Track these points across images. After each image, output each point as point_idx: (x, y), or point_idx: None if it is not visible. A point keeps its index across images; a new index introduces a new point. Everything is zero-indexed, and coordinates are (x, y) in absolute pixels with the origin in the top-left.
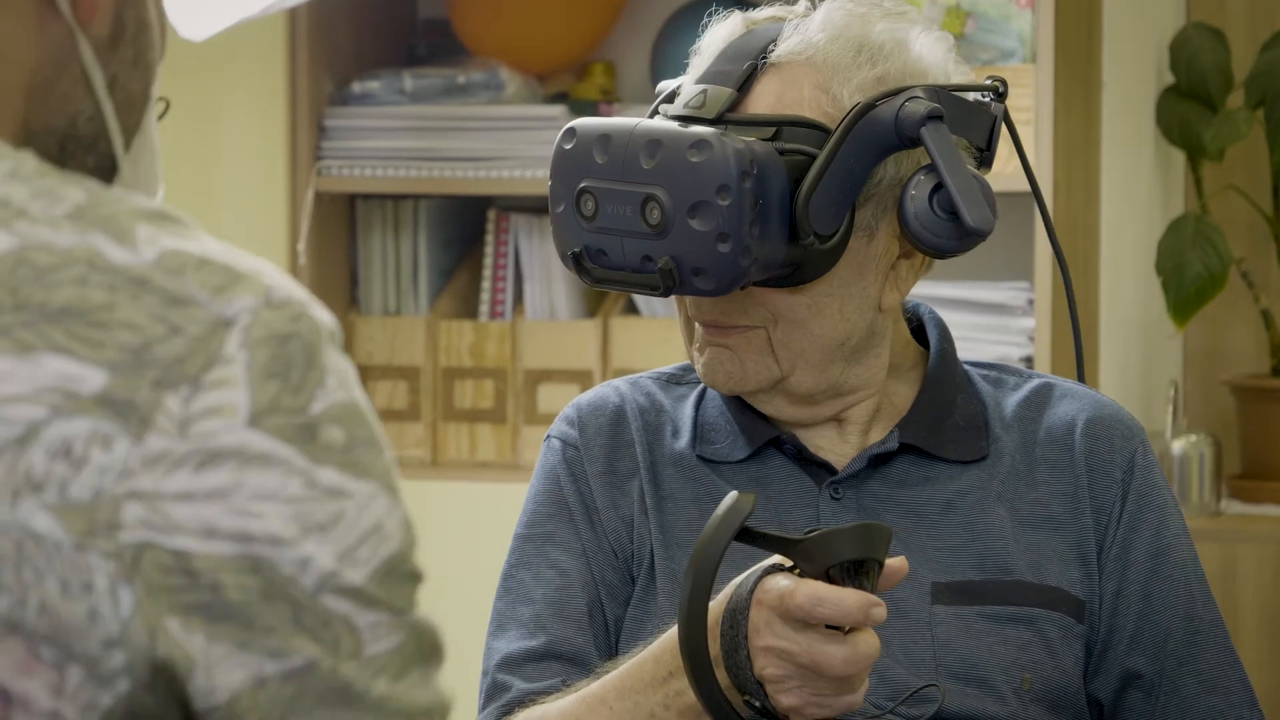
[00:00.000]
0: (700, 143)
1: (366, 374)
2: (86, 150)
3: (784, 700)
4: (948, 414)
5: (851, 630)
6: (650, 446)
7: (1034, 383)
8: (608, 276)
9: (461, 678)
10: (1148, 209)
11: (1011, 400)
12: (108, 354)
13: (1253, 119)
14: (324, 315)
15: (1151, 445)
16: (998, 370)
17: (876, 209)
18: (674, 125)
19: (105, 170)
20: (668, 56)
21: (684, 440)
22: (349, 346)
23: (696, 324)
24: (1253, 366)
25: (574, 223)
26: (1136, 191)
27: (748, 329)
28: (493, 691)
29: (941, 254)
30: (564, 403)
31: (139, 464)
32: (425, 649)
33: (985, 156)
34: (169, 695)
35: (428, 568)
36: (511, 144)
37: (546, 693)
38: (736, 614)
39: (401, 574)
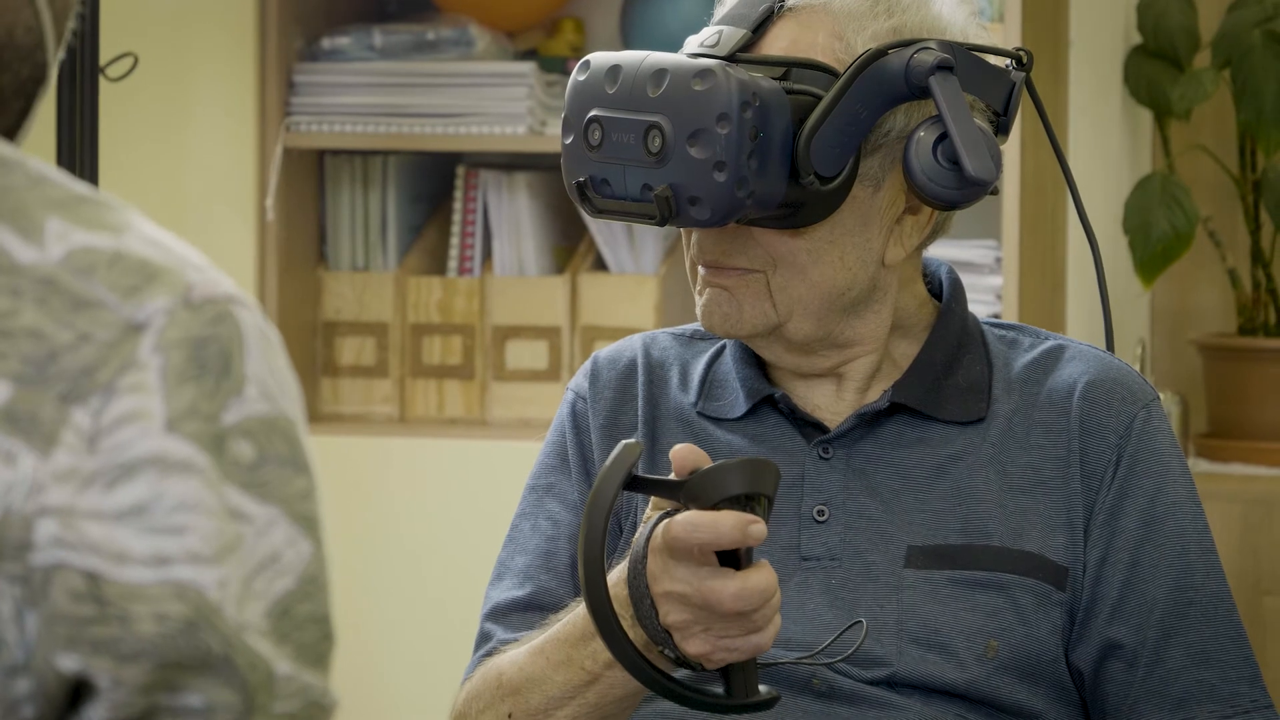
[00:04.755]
0: (705, 72)
1: (334, 330)
2: (23, 60)
3: (691, 647)
4: (949, 374)
5: (745, 568)
6: (654, 401)
7: (1047, 344)
8: (608, 206)
9: (434, 631)
10: (1115, 168)
11: (1021, 361)
12: (11, 365)
13: (1219, 79)
14: (250, 316)
15: None
16: (1016, 330)
17: (884, 160)
18: (683, 57)
19: (37, 80)
20: (637, 13)
21: (690, 396)
22: (318, 302)
23: (700, 266)
24: (1220, 325)
25: (581, 153)
26: (1104, 151)
27: (746, 271)
28: (479, 640)
29: (943, 204)
30: (532, 359)
31: (49, 479)
32: None
33: (1002, 122)
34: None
35: (395, 524)
36: (481, 100)
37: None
38: (636, 564)
39: (297, 619)
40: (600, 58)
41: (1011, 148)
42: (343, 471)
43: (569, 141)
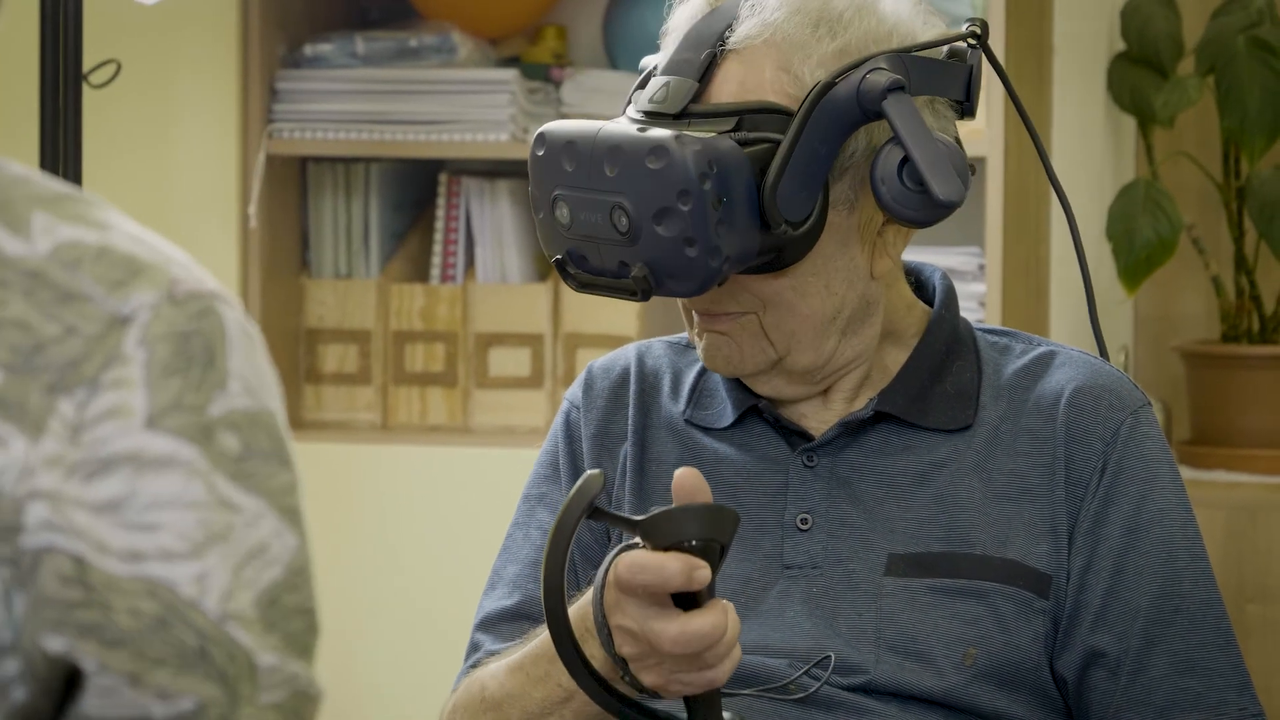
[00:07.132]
0: (658, 149)
1: (317, 337)
2: None
3: (646, 678)
4: (937, 381)
5: (694, 609)
6: (645, 410)
7: (1038, 350)
8: (591, 281)
9: (418, 638)
10: (1099, 175)
11: (1011, 368)
12: (0, 354)
13: (1203, 85)
14: (232, 313)
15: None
16: (1008, 337)
17: (854, 180)
18: (633, 130)
19: None
20: (620, 20)
21: (680, 405)
22: (300, 309)
23: (693, 312)
24: (1203, 333)
25: (554, 230)
26: (1088, 157)
27: (739, 315)
28: (469, 650)
29: (919, 224)
30: (515, 367)
31: (40, 463)
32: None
33: (966, 107)
34: (64, 696)
35: (378, 531)
36: (463, 107)
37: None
38: (598, 592)
39: (285, 609)
40: (554, 133)
41: (994, 154)
42: (325, 478)
43: (540, 217)
